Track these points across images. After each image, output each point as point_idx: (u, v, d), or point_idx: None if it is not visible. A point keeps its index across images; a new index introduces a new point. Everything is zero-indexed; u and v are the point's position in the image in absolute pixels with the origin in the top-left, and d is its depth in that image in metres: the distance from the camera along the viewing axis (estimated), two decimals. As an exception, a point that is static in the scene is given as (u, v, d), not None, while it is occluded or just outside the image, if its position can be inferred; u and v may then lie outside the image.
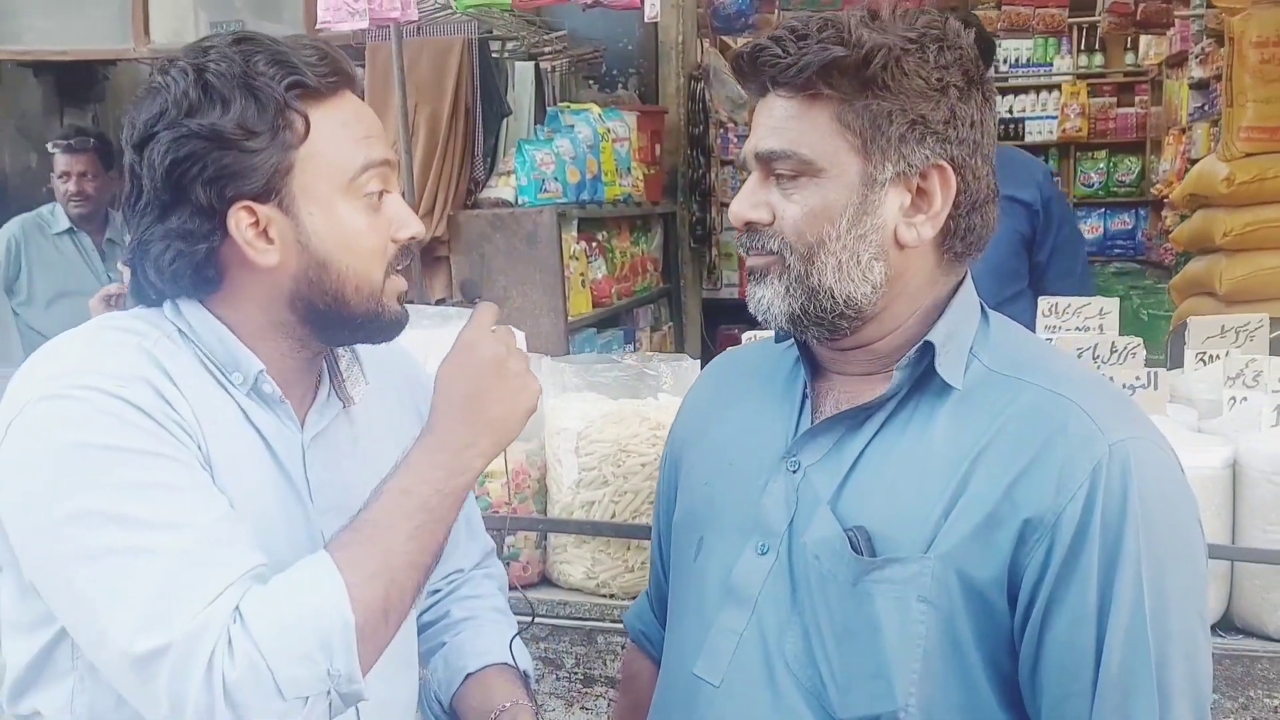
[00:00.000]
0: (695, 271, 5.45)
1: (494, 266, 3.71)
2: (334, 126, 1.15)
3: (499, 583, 1.57)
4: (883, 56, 1.08)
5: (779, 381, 1.27)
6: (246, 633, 1.02)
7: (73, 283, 4.01)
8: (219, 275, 1.15)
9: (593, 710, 1.94)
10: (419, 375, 1.44)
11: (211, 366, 1.17)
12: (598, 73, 5.16)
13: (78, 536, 1.03)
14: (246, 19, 4.86)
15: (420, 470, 1.13)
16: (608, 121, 4.27)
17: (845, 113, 1.10)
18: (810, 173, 1.12)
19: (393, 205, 1.20)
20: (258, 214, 1.12)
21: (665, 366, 1.98)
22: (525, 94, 4.39)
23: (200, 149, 1.10)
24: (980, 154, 1.14)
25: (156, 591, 1.02)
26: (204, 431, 1.12)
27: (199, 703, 1.01)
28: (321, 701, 1.05)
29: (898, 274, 1.14)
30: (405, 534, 1.10)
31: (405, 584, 1.11)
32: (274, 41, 1.15)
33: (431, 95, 3.85)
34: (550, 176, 3.78)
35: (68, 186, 4.07)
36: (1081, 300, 2.20)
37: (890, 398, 1.15)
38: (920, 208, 1.13)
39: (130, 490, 1.04)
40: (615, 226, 4.48)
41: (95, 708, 1.15)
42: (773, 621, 1.16)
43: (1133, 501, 1.05)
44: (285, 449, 1.21)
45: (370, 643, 1.08)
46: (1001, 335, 1.19)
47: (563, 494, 1.96)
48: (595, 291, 4.12)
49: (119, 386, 1.07)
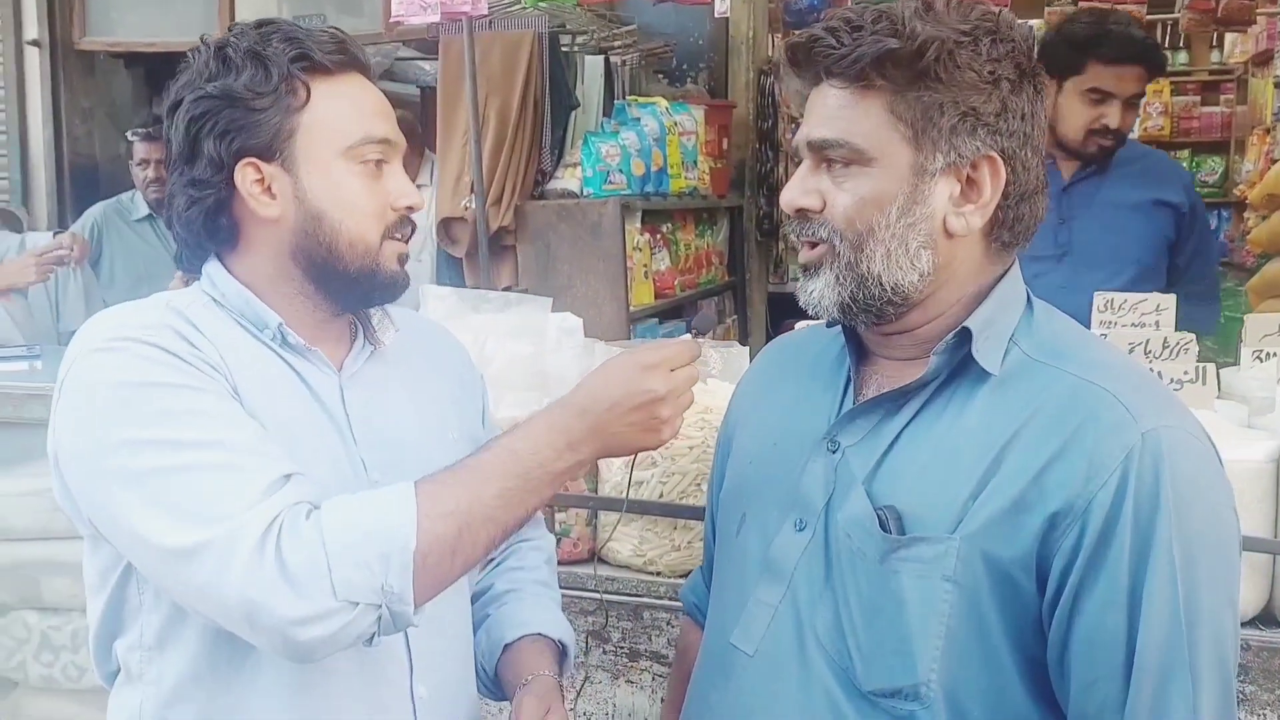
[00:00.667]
0: (761, 265, 5.48)
1: (558, 256, 3.79)
2: (337, 99, 1.27)
3: (546, 555, 1.63)
4: (936, 49, 1.11)
5: (825, 365, 1.30)
6: (317, 526, 1.11)
7: (153, 268, 4.11)
8: (231, 227, 1.28)
9: (638, 683, 2.00)
10: (456, 344, 1.55)
11: (245, 324, 1.29)
12: (668, 67, 5.20)
13: (123, 462, 1.14)
14: (328, 12, 4.96)
15: (535, 439, 1.20)
16: (675, 115, 4.31)
17: (897, 104, 1.13)
18: (861, 162, 1.14)
19: (393, 175, 1.30)
20: (262, 171, 1.25)
21: (715, 352, 2.02)
22: (595, 87, 4.45)
23: (213, 107, 1.24)
24: (1030, 145, 1.16)
25: (197, 497, 1.12)
26: (232, 370, 1.23)
27: (239, 594, 1.09)
28: (370, 614, 1.12)
29: (945, 262, 1.17)
30: (496, 490, 1.17)
31: (480, 534, 1.17)
32: (291, 25, 1.28)
33: (502, 88, 3.93)
34: (615, 168, 3.84)
35: (146, 173, 4.18)
36: (1139, 296, 2.20)
37: (928, 382, 1.17)
38: (970, 198, 1.15)
39: (166, 418, 1.15)
40: (680, 219, 4.53)
41: (162, 631, 1.25)
42: (806, 595, 1.19)
43: (1165, 488, 1.06)
44: (324, 390, 1.31)
45: (432, 575, 1.14)
46: (1044, 324, 1.21)
47: (613, 474, 2.01)
48: (658, 283, 4.17)
49: (149, 335, 1.20)
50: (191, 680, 1.25)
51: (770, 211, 5.39)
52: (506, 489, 1.17)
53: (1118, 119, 2.67)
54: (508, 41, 3.96)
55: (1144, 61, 2.70)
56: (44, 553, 2.75)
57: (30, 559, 2.76)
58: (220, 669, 1.25)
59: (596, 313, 3.60)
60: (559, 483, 1.22)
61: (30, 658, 2.79)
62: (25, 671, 2.79)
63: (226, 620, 1.13)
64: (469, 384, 1.51)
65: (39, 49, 5.23)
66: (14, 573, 2.76)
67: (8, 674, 2.82)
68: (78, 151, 5.41)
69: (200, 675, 1.25)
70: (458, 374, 1.50)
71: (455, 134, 3.99)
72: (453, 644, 1.41)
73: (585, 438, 1.21)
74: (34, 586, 2.77)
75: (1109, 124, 2.66)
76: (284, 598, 1.09)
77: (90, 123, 5.49)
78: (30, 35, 5.25)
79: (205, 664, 1.25)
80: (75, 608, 2.76)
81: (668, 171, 4.18)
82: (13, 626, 2.80)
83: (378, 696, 1.30)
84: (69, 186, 5.36)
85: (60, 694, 2.78)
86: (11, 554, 2.77)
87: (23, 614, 2.79)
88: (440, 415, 1.38)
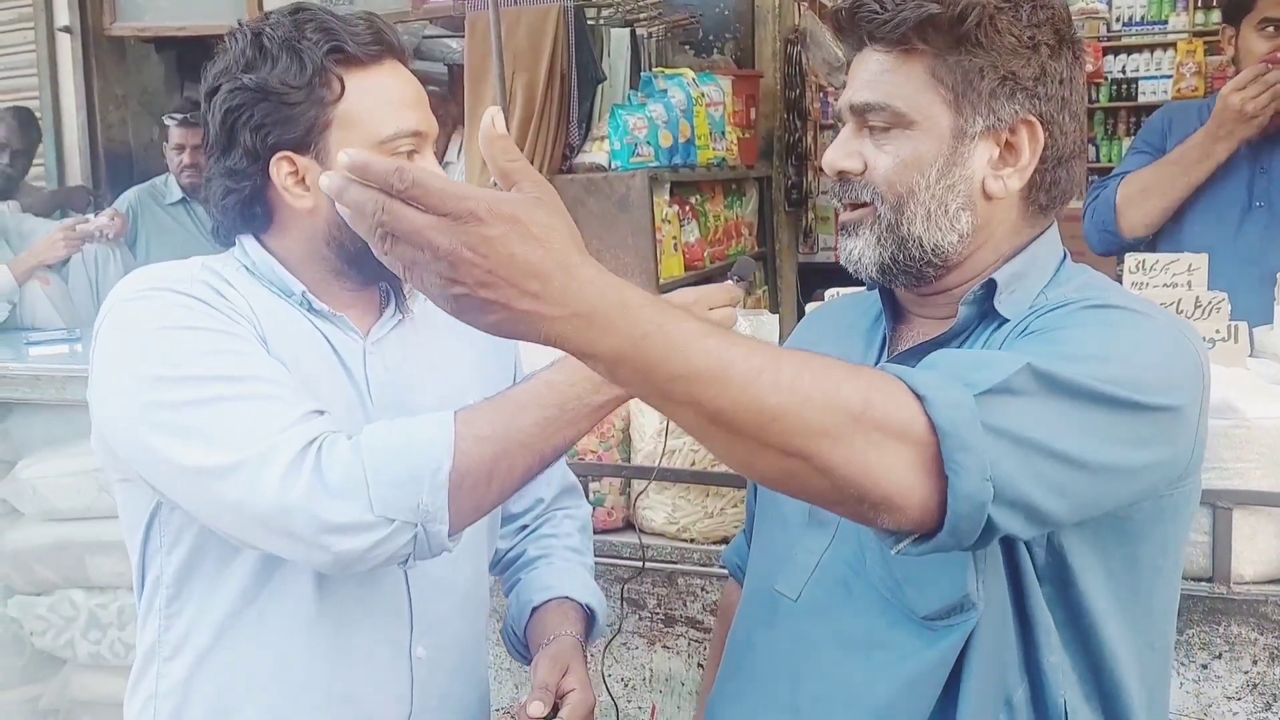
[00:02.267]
0: (791, 235, 5.45)
1: (587, 230, 3.80)
2: (372, 92, 1.28)
3: (580, 523, 1.66)
4: (977, 14, 1.12)
5: (863, 326, 1.33)
6: (356, 447, 1.15)
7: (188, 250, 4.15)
8: (266, 213, 1.32)
9: (673, 649, 2.02)
10: None
11: (274, 289, 1.33)
12: (694, 38, 5.17)
13: (158, 396, 1.18)
14: (356, -8, 5.00)
15: (574, 373, 1.22)
16: (702, 86, 4.30)
17: (939, 67, 1.14)
18: (903, 124, 1.16)
19: (424, 164, 1.31)
20: (297, 164, 1.28)
21: (745, 321, 2.03)
22: (621, 60, 4.43)
23: (249, 99, 1.26)
24: (1068, 110, 1.18)
25: (232, 424, 1.16)
26: (261, 323, 1.27)
27: (275, 503, 1.13)
28: (406, 533, 1.15)
29: (984, 223, 1.18)
30: (533, 419, 1.20)
31: (516, 461, 1.19)
32: (326, 13, 1.29)
33: (528, 63, 3.93)
34: (643, 141, 3.84)
35: (181, 158, 4.24)
36: (1170, 256, 2.18)
37: (958, 333, 1.19)
38: (1008, 161, 1.17)
39: (200, 356, 1.19)
40: (709, 190, 4.52)
41: (179, 571, 1.31)
42: (852, 540, 1.21)
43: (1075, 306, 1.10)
44: (348, 352, 1.35)
45: (468, 498, 1.17)
46: (1073, 277, 1.22)
47: (645, 442, 2.03)
48: (687, 254, 4.17)
49: (183, 286, 1.25)
50: (203, 619, 1.31)
51: (799, 181, 5.36)
52: (545, 418, 1.20)
53: None
54: (533, 16, 3.96)
55: None
56: (89, 532, 2.80)
57: (76, 539, 2.82)
58: (229, 609, 1.30)
59: (626, 285, 3.60)
60: (596, 417, 1.24)
61: (78, 635, 2.85)
62: (74, 649, 2.85)
63: (261, 532, 1.16)
64: (500, 349, 1.53)
65: (70, 35, 5.30)
66: (60, 552, 2.82)
67: (56, 651, 2.88)
68: (111, 137, 5.48)
69: (210, 614, 1.30)
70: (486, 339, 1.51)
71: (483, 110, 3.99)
72: (459, 607, 1.43)
73: None
74: (80, 566, 2.83)
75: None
76: (322, 503, 1.12)
77: (123, 108, 5.55)
78: (61, 22, 5.31)
79: (215, 604, 1.30)
80: (121, 585, 2.82)
81: (695, 143, 4.17)
82: (60, 605, 2.86)
83: (376, 651, 1.34)
84: (103, 172, 5.42)
85: (107, 670, 2.84)
86: (57, 534, 2.82)
87: (69, 593, 2.85)
88: (463, 382, 1.40)
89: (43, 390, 2.70)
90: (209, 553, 1.29)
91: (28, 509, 2.83)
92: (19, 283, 3.46)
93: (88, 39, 5.31)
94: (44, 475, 2.78)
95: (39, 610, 2.86)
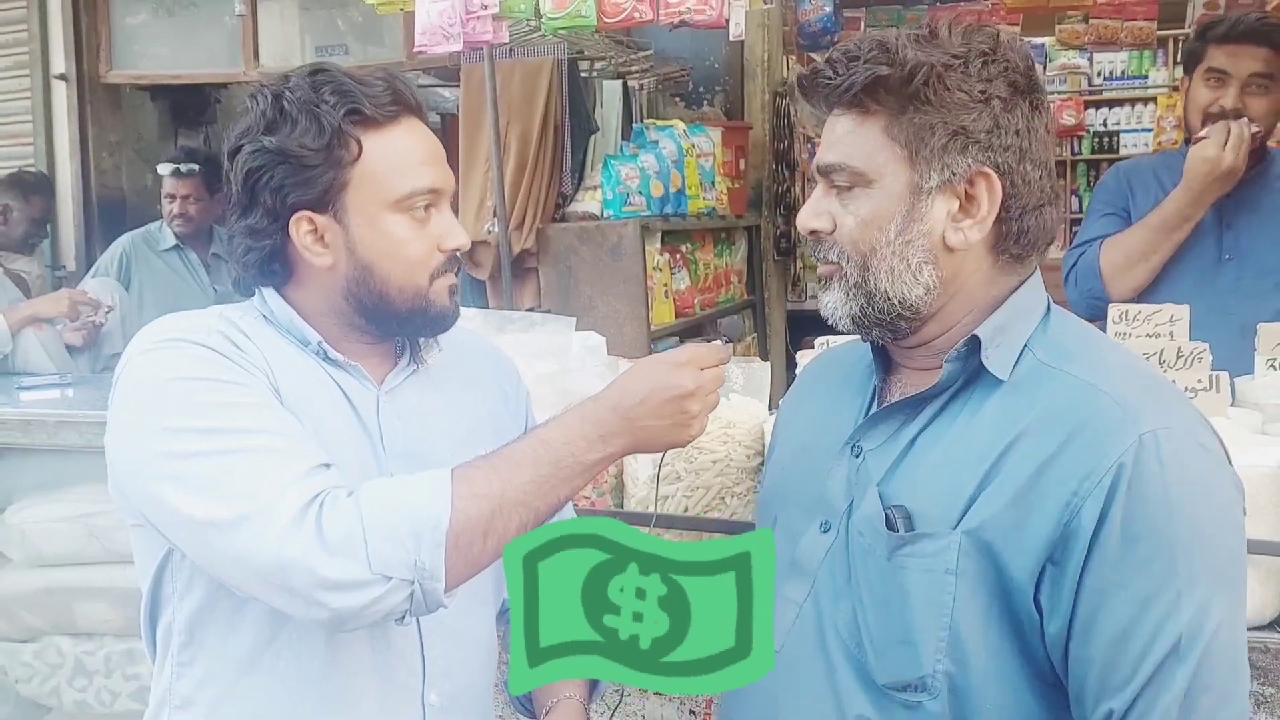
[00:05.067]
0: (780, 283, 5.50)
1: (580, 277, 3.84)
2: (388, 152, 1.31)
3: None
4: (924, 73, 1.16)
5: (857, 376, 1.36)
6: (356, 503, 1.16)
7: (181, 297, 4.17)
8: (286, 269, 1.35)
9: (665, 696, 2.02)
10: (502, 360, 1.59)
11: (291, 339, 1.35)
12: (685, 90, 5.26)
13: (169, 447, 1.20)
14: (350, 44, 5.05)
15: (568, 430, 1.25)
16: (692, 137, 4.36)
17: (893, 126, 1.19)
18: (862, 183, 1.20)
19: (440, 218, 1.35)
20: (316, 223, 1.30)
21: (736, 368, 2.06)
22: (613, 111, 4.50)
23: (269, 161, 1.29)
24: (1029, 160, 1.20)
25: (239, 477, 1.17)
26: (276, 373, 1.29)
27: (275, 557, 1.14)
28: (403, 590, 1.16)
29: (951, 276, 1.21)
30: (528, 476, 1.22)
31: (511, 518, 1.21)
32: (345, 74, 1.32)
33: (522, 114, 3.99)
34: (635, 190, 3.89)
35: (172, 208, 4.26)
36: (1152, 307, 2.22)
37: (944, 389, 1.22)
38: (969, 212, 1.20)
39: (213, 409, 1.21)
40: (699, 239, 4.57)
41: (191, 618, 1.32)
42: (829, 594, 1.24)
43: (1160, 489, 1.08)
44: (362, 401, 1.37)
45: (464, 555, 1.18)
46: (1060, 330, 1.24)
47: (638, 489, 2.05)
48: (678, 302, 4.21)
49: (200, 337, 1.27)
50: (215, 667, 1.32)
51: (787, 231, 5.42)
52: (539, 475, 1.22)
53: (1233, 100, 2.56)
54: (528, 68, 4.02)
55: (1263, 41, 2.57)
56: (77, 578, 2.78)
57: (63, 584, 2.79)
58: (241, 657, 1.30)
59: (618, 332, 3.64)
60: (591, 474, 1.26)
61: (64, 683, 2.82)
62: (59, 697, 2.82)
63: (261, 587, 1.17)
64: (511, 399, 1.55)
65: (66, 83, 5.33)
66: (48, 598, 2.80)
67: (42, 699, 2.85)
68: (105, 184, 5.50)
69: (223, 662, 1.31)
70: (500, 390, 1.54)
71: (477, 160, 4.05)
72: (472, 654, 1.44)
73: (617, 430, 1.25)
74: (67, 612, 2.81)
75: (1224, 105, 2.57)
76: (320, 560, 1.14)
77: (117, 156, 5.58)
78: (57, 70, 5.35)
79: (228, 653, 1.31)
80: (108, 633, 2.80)
81: (686, 192, 4.23)
82: (46, 652, 2.83)
83: (387, 698, 1.34)
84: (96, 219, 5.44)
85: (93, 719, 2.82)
86: (45, 579, 2.80)
87: (56, 640, 2.83)
88: (475, 432, 1.42)
89: (34, 435, 2.69)
90: (221, 601, 1.30)
91: (16, 554, 2.81)
92: (12, 332, 3.46)
93: (83, 86, 5.35)
94: (33, 520, 2.77)
95: (24, 657, 2.83)
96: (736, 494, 2.01)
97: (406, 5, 3.02)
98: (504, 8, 2.92)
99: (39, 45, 5.34)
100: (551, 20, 2.95)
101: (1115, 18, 4.83)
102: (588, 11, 2.93)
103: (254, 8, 5.10)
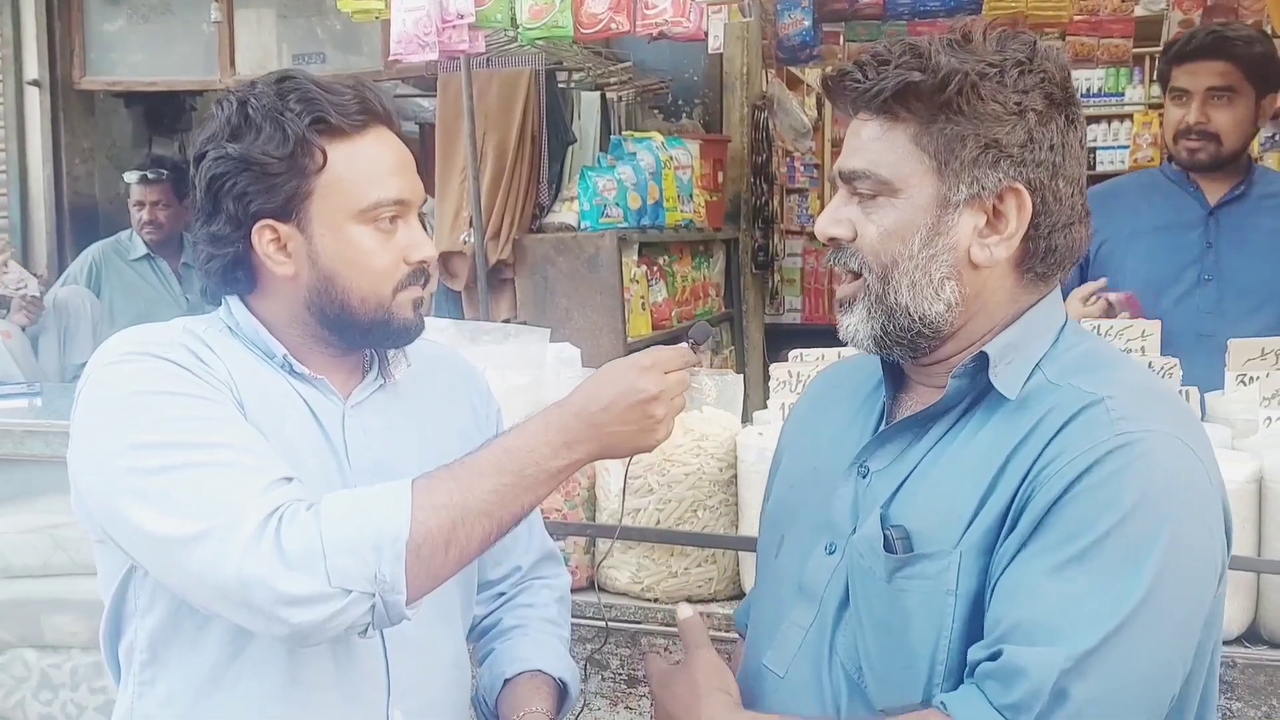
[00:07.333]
0: (758, 297, 5.51)
1: (556, 288, 3.83)
2: (354, 162, 1.29)
3: (558, 594, 1.64)
4: (958, 82, 1.11)
5: (865, 393, 1.31)
6: (315, 517, 1.14)
7: (152, 305, 4.15)
8: (249, 277, 1.33)
9: (636, 709, 2.01)
10: (473, 375, 1.57)
11: (256, 351, 1.33)
12: (663, 103, 5.25)
13: (131, 463, 1.18)
14: (327, 51, 5.03)
15: (531, 437, 1.23)
16: (670, 149, 4.36)
17: (922, 135, 1.13)
18: (887, 193, 1.15)
19: (407, 229, 1.33)
20: (279, 231, 1.29)
21: (709, 380, 2.05)
22: (591, 123, 4.50)
23: (232, 168, 1.27)
24: (1061, 176, 1.15)
25: (199, 492, 1.16)
26: (239, 387, 1.27)
27: (235, 573, 1.12)
28: (363, 603, 1.15)
29: (974, 293, 1.16)
30: (491, 485, 1.20)
31: (474, 528, 1.19)
32: (312, 82, 1.30)
33: (499, 124, 3.98)
34: (612, 202, 3.89)
35: (141, 215, 4.25)
36: (1124, 322, 2.23)
37: (951, 407, 1.18)
38: (996, 229, 1.14)
39: (174, 423, 1.19)
40: (676, 251, 4.57)
41: (153, 636, 1.30)
42: (833, 618, 1.20)
43: (1131, 486, 1.04)
44: (326, 415, 1.35)
45: (426, 566, 1.16)
46: (1073, 347, 1.19)
47: (610, 501, 2.04)
48: (655, 314, 4.20)
49: (163, 351, 1.25)
50: (178, 685, 1.30)
51: (766, 244, 5.43)
52: (502, 485, 1.20)
53: (1195, 115, 2.60)
54: (505, 79, 4.01)
55: (1218, 54, 2.60)
56: (44, 590, 2.74)
57: (30, 596, 2.76)
58: (204, 675, 1.29)
59: (594, 344, 3.62)
60: (555, 481, 1.24)
61: (29, 696, 2.78)
62: (24, 710, 2.78)
63: (222, 603, 1.16)
64: (481, 414, 1.53)
65: (39, 89, 5.29)
66: (14, 610, 2.76)
67: (7, 713, 2.81)
68: (77, 191, 5.46)
69: (186, 680, 1.29)
70: (469, 404, 1.52)
71: (454, 169, 4.03)
72: (438, 671, 1.42)
73: (582, 437, 1.24)
74: (34, 624, 2.77)
75: (1188, 121, 2.61)
76: (279, 575, 1.12)
77: (90, 162, 5.54)
78: (31, 75, 5.30)
79: (190, 670, 1.29)
80: (75, 645, 2.76)
81: (664, 205, 4.22)
82: (12, 665, 2.80)
83: (352, 715, 1.32)
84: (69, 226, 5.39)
85: (59, 731, 2.78)
86: (11, 591, 2.77)
87: (22, 652, 2.79)
88: (443, 447, 1.40)
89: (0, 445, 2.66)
90: (184, 619, 1.28)
91: (-19, 565, 2.77)
92: None
93: (56, 92, 5.31)
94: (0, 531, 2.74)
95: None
96: (709, 507, 2.00)
97: (382, 13, 3.01)
98: (480, 17, 2.92)
99: (12, 50, 5.30)
100: (528, 30, 2.94)
101: (1091, 35, 4.86)
102: (564, 22, 2.93)
103: (230, 15, 5.08)
